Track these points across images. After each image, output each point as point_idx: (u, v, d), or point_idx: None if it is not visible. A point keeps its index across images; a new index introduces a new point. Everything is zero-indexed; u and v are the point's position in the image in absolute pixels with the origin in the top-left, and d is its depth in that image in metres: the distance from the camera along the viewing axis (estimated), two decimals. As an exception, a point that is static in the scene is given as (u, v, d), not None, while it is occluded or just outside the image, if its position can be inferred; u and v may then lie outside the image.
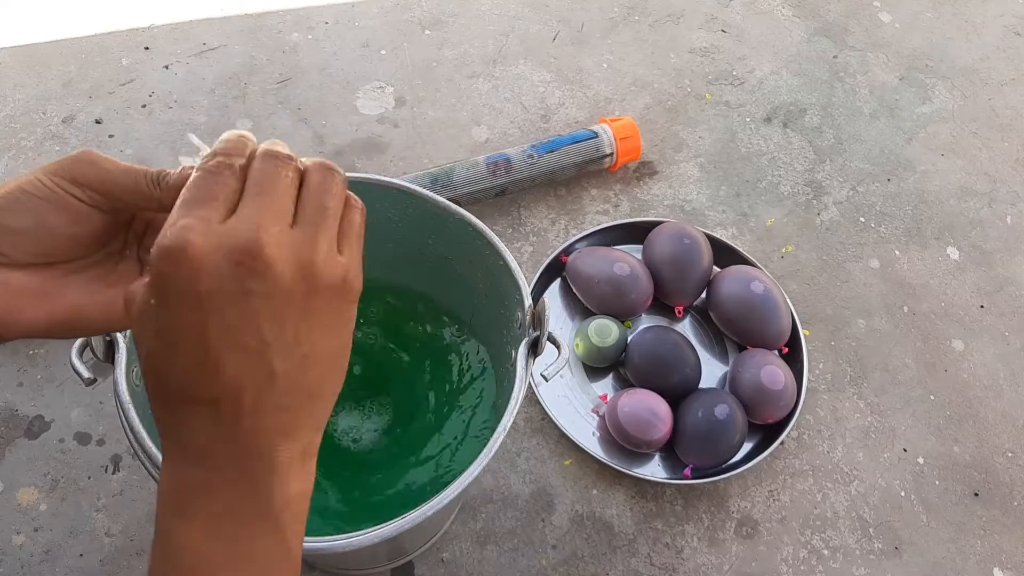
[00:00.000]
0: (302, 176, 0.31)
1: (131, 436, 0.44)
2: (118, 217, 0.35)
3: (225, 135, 0.31)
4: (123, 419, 0.44)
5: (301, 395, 0.30)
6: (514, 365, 0.48)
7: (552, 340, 0.49)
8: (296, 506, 0.31)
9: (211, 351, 0.28)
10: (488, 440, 0.46)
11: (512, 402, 0.46)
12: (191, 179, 0.29)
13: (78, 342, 0.44)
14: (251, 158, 0.30)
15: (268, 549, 0.30)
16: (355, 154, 0.88)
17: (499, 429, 0.45)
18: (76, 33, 0.95)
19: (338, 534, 0.43)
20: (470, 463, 0.45)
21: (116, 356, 0.45)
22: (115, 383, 0.45)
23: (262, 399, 0.29)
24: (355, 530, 0.43)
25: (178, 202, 0.29)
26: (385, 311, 0.65)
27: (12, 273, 0.33)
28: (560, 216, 0.86)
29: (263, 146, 0.31)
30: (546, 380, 0.48)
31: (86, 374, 0.44)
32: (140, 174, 0.33)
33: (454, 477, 0.44)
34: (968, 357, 0.82)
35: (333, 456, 0.61)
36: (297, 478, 0.30)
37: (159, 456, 0.43)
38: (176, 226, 0.28)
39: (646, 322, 0.80)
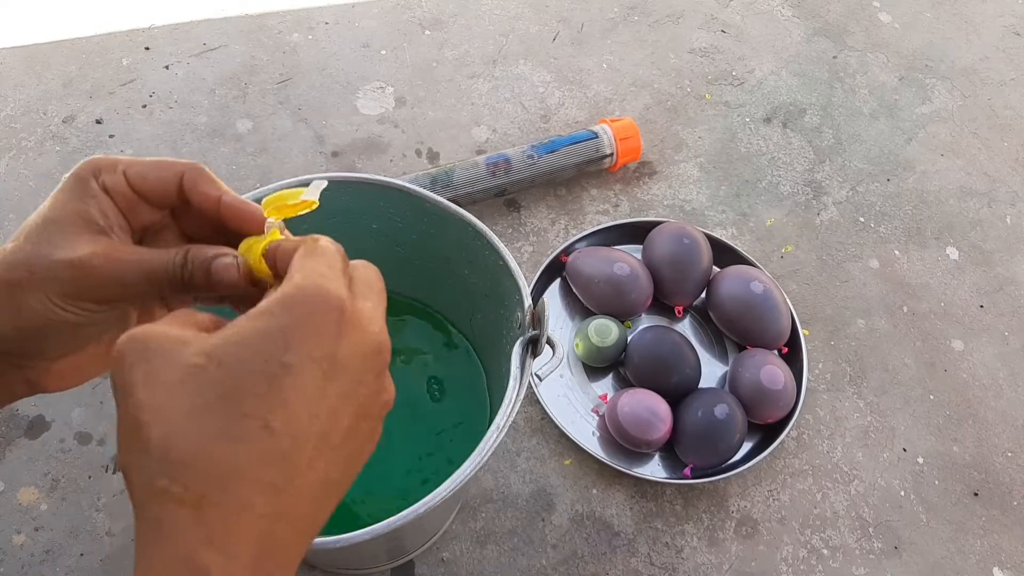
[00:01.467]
0: None
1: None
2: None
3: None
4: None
5: (327, 506, 0.26)
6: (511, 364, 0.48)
7: (548, 341, 0.49)
8: None
9: (299, 422, 0.24)
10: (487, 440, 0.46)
11: (508, 401, 0.46)
12: (318, 243, 0.28)
13: None
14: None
15: None
16: (355, 154, 0.88)
17: (493, 428, 0.45)
18: (76, 33, 0.95)
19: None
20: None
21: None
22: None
23: (308, 500, 0.25)
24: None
25: (310, 253, 0.27)
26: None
27: (52, 365, 0.33)
28: (560, 216, 0.86)
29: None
30: (540, 380, 0.48)
31: None
32: (163, 279, 0.30)
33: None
34: (968, 357, 0.82)
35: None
36: None
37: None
38: (324, 278, 0.25)
39: (646, 322, 0.80)
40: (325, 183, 0.34)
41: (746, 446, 0.73)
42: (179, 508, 0.23)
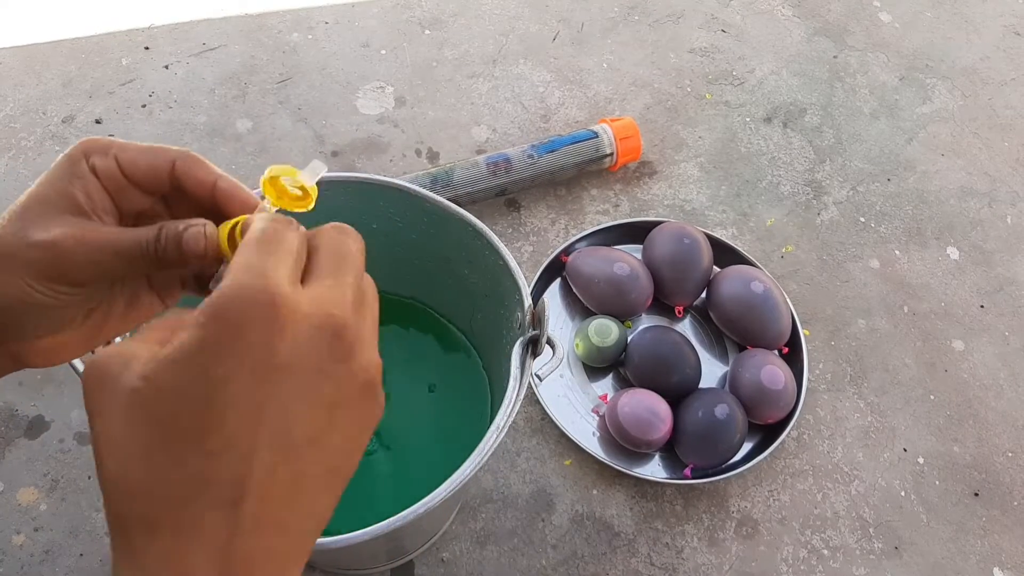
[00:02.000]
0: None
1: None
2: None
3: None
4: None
5: (321, 507, 0.26)
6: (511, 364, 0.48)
7: (548, 341, 0.49)
8: None
9: (242, 435, 0.23)
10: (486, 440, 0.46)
11: (507, 401, 0.46)
12: (262, 227, 0.26)
13: None
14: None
15: None
16: (355, 154, 0.88)
17: (493, 428, 0.45)
18: (76, 33, 0.95)
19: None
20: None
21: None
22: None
23: (279, 508, 0.24)
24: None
25: (247, 244, 0.25)
26: (384, 311, 0.65)
27: (36, 342, 0.32)
28: (560, 216, 0.86)
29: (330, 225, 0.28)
30: (540, 380, 0.48)
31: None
32: (136, 255, 0.30)
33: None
34: (968, 357, 0.82)
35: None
36: None
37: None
38: (254, 272, 0.23)
39: (646, 322, 0.80)
40: (325, 168, 0.33)
41: (746, 446, 0.73)
42: (136, 534, 0.23)
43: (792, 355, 0.77)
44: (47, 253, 0.29)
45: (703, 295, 0.80)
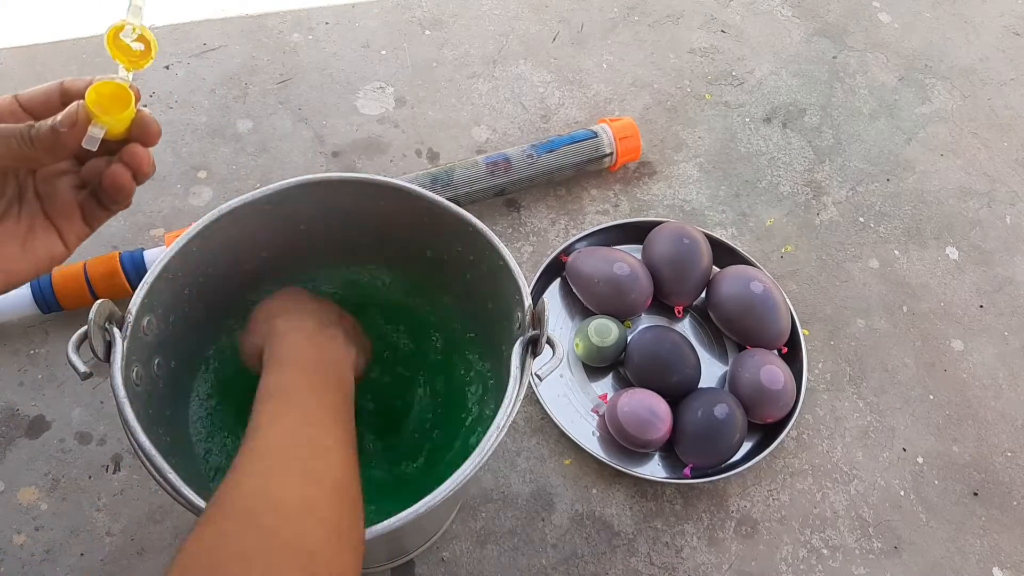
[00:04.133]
0: None
1: (129, 434, 0.44)
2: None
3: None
4: (122, 417, 0.44)
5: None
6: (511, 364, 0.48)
7: (548, 341, 0.49)
8: (352, 406, 0.49)
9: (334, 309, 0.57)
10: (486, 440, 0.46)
11: (507, 401, 0.46)
12: None
13: (75, 336, 0.44)
14: None
15: (339, 437, 0.45)
16: (355, 154, 0.88)
17: (493, 428, 0.46)
18: (76, 33, 0.95)
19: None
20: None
21: (113, 355, 0.45)
22: (112, 381, 0.45)
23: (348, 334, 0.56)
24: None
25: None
26: (384, 311, 0.66)
27: None
28: (560, 216, 0.86)
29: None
30: (540, 380, 0.48)
31: (82, 368, 0.44)
32: (11, 136, 0.34)
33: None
34: (967, 357, 0.82)
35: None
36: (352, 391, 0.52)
37: (158, 455, 0.43)
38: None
39: (646, 322, 0.80)
40: (144, 1, 0.34)
41: (746, 446, 0.73)
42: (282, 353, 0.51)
43: (791, 355, 0.77)
44: None
45: (703, 295, 0.80)
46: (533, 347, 0.49)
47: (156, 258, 0.55)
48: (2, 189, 0.38)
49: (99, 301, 0.45)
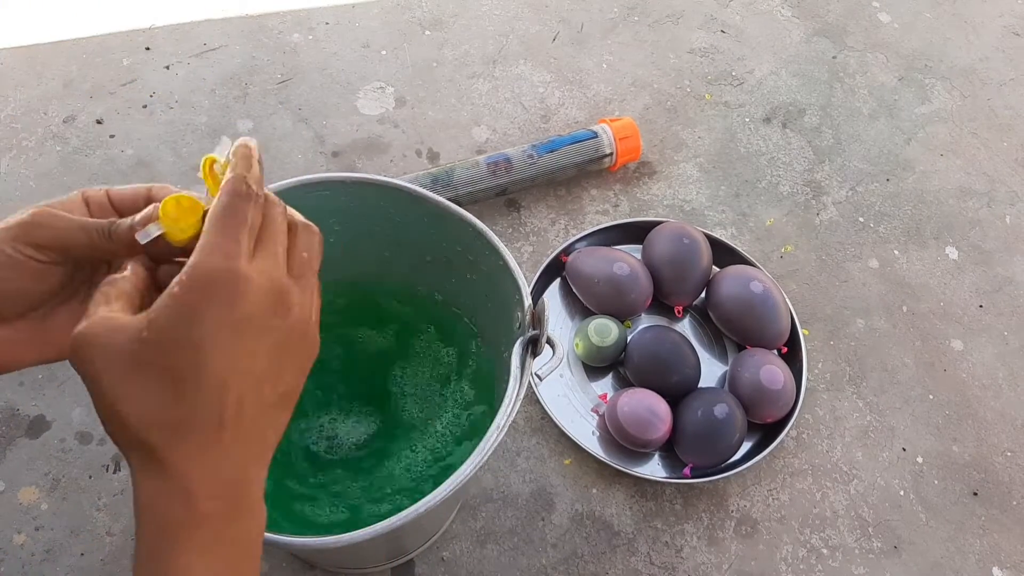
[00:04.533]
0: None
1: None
2: (79, 265, 0.38)
3: (242, 149, 0.34)
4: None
5: (278, 422, 0.34)
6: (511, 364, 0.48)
7: (548, 341, 0.49)
8: (261, 535, 0.35)
9: (221, 375, 0.31)
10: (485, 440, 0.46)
11: (507, 401, 0.46)
12: (224, 205, 0.32)
13: None
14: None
15: (253, 571, 0.34)
16: (355, 154, 0.89)
17: (493, 428, 0.46)
18: (77, 33, 0.95)
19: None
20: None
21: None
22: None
23: (250, 425, 0.32)
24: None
25: (213, 225, 0.31)
26: (384, 312, 0.66)
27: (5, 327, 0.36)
28: (560, 216, 0.86)
29: (259, 181, 0.33)
30: (540, 379, 0.48)
31: None
32: (93, 229, 0.36)
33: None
34: (967, 357, 0.82)
35: (331, 460, 0.61)
36: (263, 509, 0.34)
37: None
38: (219, 252, 0.30)
39: (646, 322, 0.80)
40: (231, 143, 0.35)
41: (746, 446, 0.74)
42: (149, 455, 0.31)
43: (791, 355, 0.77)
44: (23, 222, 0.35)
45: (702, 295, 0.80)
46: (533, 347, 0.49)
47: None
48: (81, 275, 0.39)
49: None
